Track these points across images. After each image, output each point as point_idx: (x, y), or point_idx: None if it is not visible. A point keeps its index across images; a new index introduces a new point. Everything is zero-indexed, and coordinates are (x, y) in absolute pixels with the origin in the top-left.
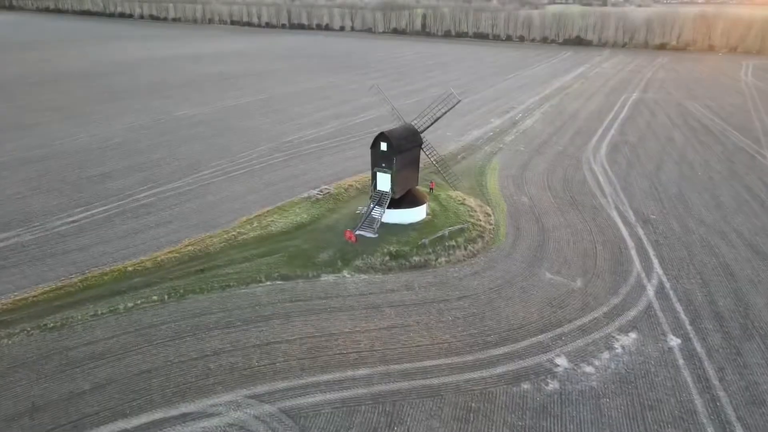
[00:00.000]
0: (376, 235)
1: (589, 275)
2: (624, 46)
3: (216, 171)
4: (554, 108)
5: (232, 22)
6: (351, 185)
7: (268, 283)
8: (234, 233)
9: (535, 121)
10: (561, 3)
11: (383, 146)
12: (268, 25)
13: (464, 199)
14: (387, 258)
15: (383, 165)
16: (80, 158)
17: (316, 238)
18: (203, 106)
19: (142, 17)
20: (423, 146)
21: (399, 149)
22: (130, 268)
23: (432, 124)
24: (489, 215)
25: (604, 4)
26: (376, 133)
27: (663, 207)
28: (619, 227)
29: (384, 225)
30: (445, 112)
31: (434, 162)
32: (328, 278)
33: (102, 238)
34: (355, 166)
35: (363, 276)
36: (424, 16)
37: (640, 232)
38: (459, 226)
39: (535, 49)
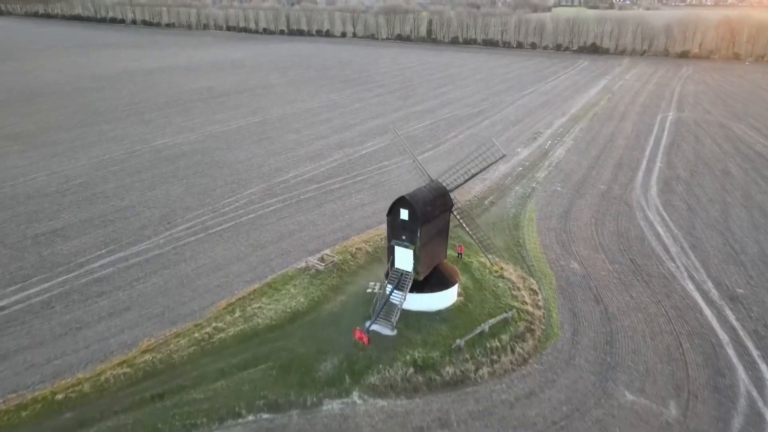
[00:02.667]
0: (395, 332)
1: (683, 394)
2: (643, 54)
3: (194, 225)
4: (586, 132)
5: (228, 28)
6: (360, 248)
7: (251, 417)
8: (209, 330)
9: (567, 150)
10: (566, 6)
11: (404, 214)
12: (265, 31)
13: (502, 269)
14: (411, 370)
15: (403, 238)
16: (31, 208)
17: (315, 335)
18: (188, 132)
19: (134, 22)
20: (454, 209)
21: (424, 218)
22: (59, 396)
23: (466, 181)
24: (535, 293)
25: (611, 6)
26: (386, 169)
27: (748, 275)
28: (702, 309)
29: (404, 314)
30: (485, 168)
31: (468, 230)
32: (332, 407)
33: (33, 338)
34: (363, 218)
35: (380, 402)
36: (430, 22)
37: (730, 315)
38: (502, 317)
39: (548, 57)
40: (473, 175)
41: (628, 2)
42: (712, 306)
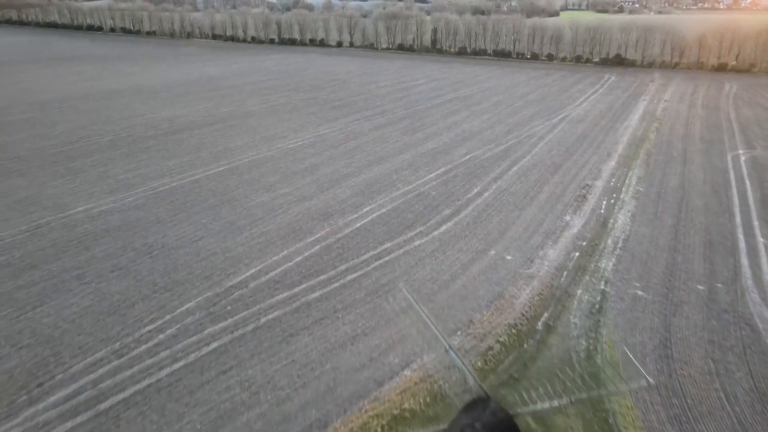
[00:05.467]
0: None
1: None
2: (674, 67)
3: (80, 391)
4: (647, 185)
5: (214, 36)
6: None
7: None
8: None
9: (631, 216)
10: (573, 9)
11: None
12: (254, 39)
13: None
14: None
15: None
16: None
17: None
18: (124, 190)
19: (113, 30)
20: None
21: None
22: None
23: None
24: None
25: (621, 10)
26: (389, 257)
27: None
28: None
29: None
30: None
31: None
32: None
33: None
34: (353, 371)
35: None
36: (435, 31)
37: None
38: None
39: (569, 71)
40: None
41: (637, 6)
42: None
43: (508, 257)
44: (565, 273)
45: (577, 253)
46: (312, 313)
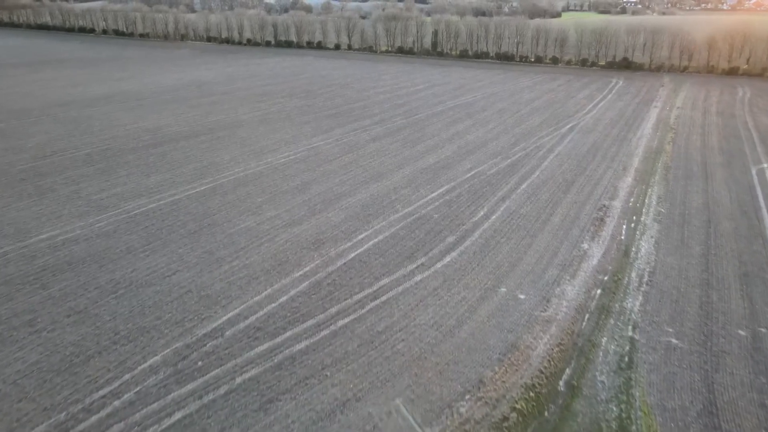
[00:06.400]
0: None
1: None
2: (683, 70)
3: None
4: (668, 205)
5: (209, 39)
6: None
7: None
8: None
9: (655, 243)
10: (575, 11)
11: None
12: (249, 42)
13: None
14: None
15: None
16: None
17: None
18: (95, 213)
19: (105, 32)
20: None
21: None
22: None
23: None
24: None
25: (623, 11)
26: (386, 297)
27: None
28: None
29: None
30: None
31: None
32: None
33: None
34: None
35: None
36: (435, 33)
37: None
38: None
39: (575, 75)
40: None
41: (639, 6)
42: None
43: (521, 296)
44: (587, 316)
45: (598, 290)
46: (296, 371)
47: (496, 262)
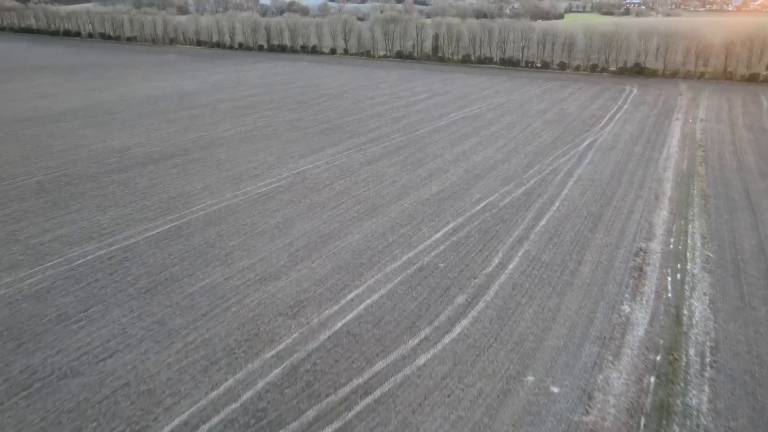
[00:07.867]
0: None
1: None
2: (700, 77)
3: None
4: (715, 247)
5: (198, 42)
6: None
7: None
8: None
9: (709, 303)
10: (578, 12)
11: None
12: (241, 46)
13: None
14: None
15: None
16: None
17: None
18: (29, 263)
19: (91, 36)
20: None
21: None
22: None
23: None
24: None
25: (626, 12)
26: (381, 391)
27: None
28: None
29: None
30: None
31: None
32: None
33: None
34: None
35: None
36: (436, 37)
37: None
38: None
39: (585, 82)
40: None
41: (643, 7)
42: None
43: (554, 389)
44: (643, 421)
45: (652, 378)
46: None
47: (518, 335)
